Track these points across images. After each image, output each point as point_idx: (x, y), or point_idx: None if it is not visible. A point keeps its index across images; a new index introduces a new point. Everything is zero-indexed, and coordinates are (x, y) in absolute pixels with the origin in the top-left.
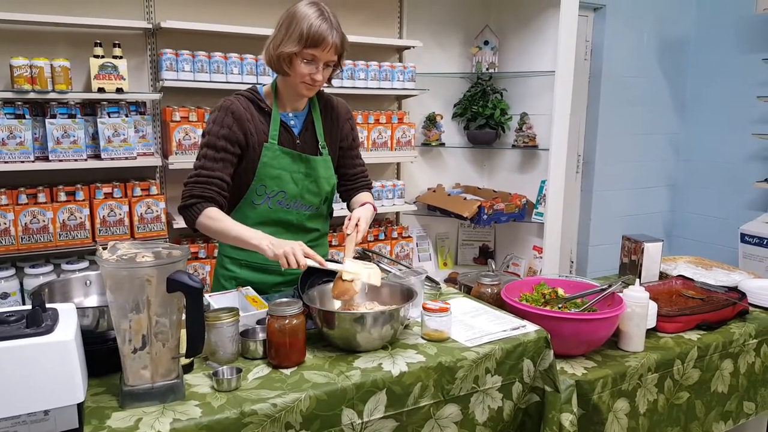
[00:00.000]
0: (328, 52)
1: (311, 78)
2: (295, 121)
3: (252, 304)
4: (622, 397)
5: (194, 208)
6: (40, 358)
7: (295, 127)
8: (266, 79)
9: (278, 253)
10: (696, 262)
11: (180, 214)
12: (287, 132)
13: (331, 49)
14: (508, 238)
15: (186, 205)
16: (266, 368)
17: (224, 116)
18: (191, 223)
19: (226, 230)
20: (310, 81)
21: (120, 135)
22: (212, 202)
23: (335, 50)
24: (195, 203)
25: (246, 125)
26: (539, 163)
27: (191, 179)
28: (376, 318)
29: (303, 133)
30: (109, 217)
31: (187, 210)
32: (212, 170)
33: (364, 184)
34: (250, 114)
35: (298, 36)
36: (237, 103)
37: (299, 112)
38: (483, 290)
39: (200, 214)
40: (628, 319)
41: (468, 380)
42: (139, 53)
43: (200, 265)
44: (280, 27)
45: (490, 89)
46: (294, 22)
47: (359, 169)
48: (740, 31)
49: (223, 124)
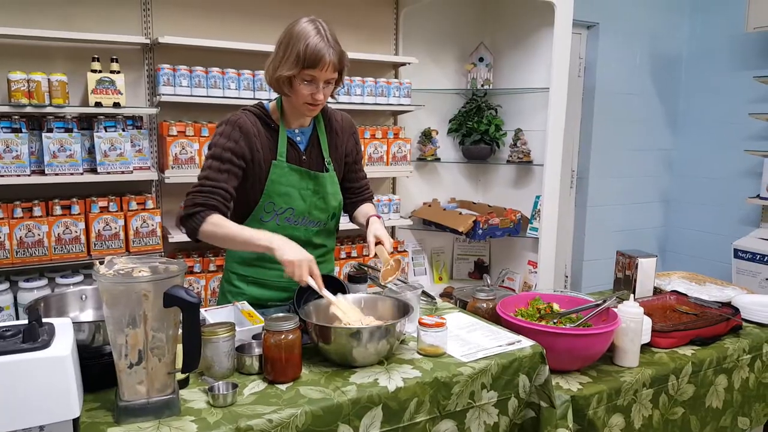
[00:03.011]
0: (327, 71)
1: (312, 98)
2: (302, 138)
3: (248, 319)
4: (618, 412)
5: (197, 216)
6: (36, 374)
7: (301, 144)
8: (263, 95)
9: (286, 259)
10: (689, 277)
11: (181, 225)
12: (294, 149)
13: (329, 68)
14: (503, 253)
15: (189, 214)
16: (262, 383)
17: (231, 130)
18: (194, 231)
19: (232, 235)
20: (312, 101)
21: (116, 149)
22: (216, 211)
23: (333, 68)
24: (198, 211)
25: (253, 141)
26: (534, 179)
27: (194, 189)
28: (372, 333)
29: (309, 150)
30: (104, 231)
31: (190, 219)
32: (216, 180)
33: (368, 196)
34: (257, 130)
35: (295, 57)
36: (245, 119)
37: (305, 129)
38: (478, 305)
39: (204, 221)
40: (623, 335)
41: (464, 396)
42: (136, 68)
43: (195, 280)
44: (278, 49)
45: (485, 105)
46: (291, 43)
47: (363, 182)
48: (732, 49)
49: (230, 137)
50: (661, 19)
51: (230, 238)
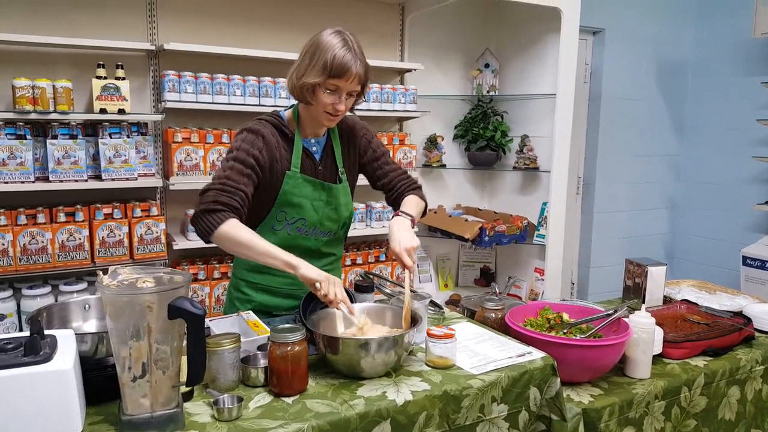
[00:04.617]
0: (352, 83)
1: (334, 108)
2: (317, 147)
3: (253, 329)
4: (629, 425)
5: (218, 215)
6: (37, 388)
7: (317, 153)
8: (268, 101)
9: (313, 276)
10: (700, 285)
11: (195, 220)
12: (309, 159)
13: (355, 80)
14: (509, 260)
15: (209, 210)
16: (268, 396)
17: (255, 139)
18: (210, 229)
19: (250, 244)
20: (333, 111)
21: (121, 156)
22: (236, 214)
23: (359, 80)
24: (220, 210)
25: (274, 152)
26: (540, 185)
27: (216, 186)
28: (380, 344)
29: (324, 159)
30: (108, 238)
31: (209, 215)
32: (238, 183)
33: (406, 186)
34: (276, 141)
35: (321, 66)
36: (266, 130)
37: (320, 138)
38: (487, 315)
39: (224, 222)
40: (635, 345)
41: (474, 409)
42: (141, 74)
43: (199, 287)
44: (304, 56)
45: (491, 111)
46: (318, 52)
47: (393, 174)
48: (738, 55)
49: (254, 145)
50: (667, 25)
51: (247, 246)
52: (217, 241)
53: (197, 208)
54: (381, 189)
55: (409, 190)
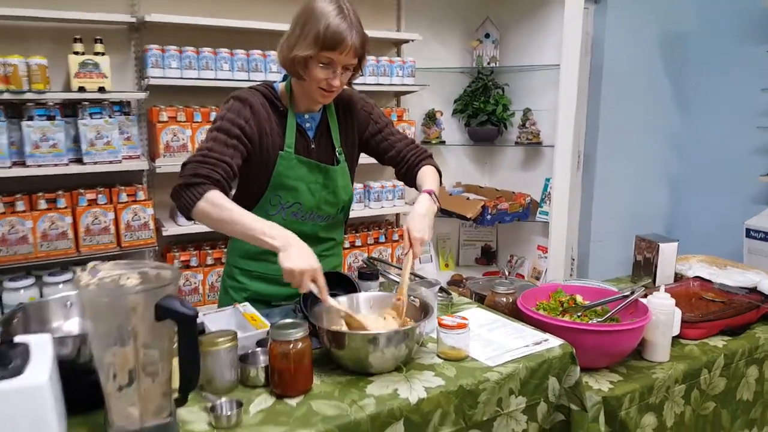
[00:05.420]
0: (347, 55)
1: (328, 83)
2: (311, 124)
3: (251, 323)
4: (650, 411)
5: (197, 189)
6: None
7: (310, 131)
8: (258, 76)
9: (287, 266)
10: (710, 261)
11: (174, 196)
12: (302, 137)
13: (351, 52)
14: (510, 238)
15: (187, 184)
16: (269, 398)
17: (242, 107)
18: (189, 204)
19: (234, 219)
20: (327, 86)
21: (103, 137)
22: (218, 187)
23: (354, 53)
24: (200, 183)
25: (263, 124)
26: (542, 161)
27: (196, 159)
28: (390, 338)
29: (318, 138)
30: (93, 226)
31: (188, 190)
32: (222, 154)
33: (417, 157)
34: (266, 112)
35: (314, 37)
36: (255, 99)
37: (314, 114)
38: (498, 299)
39: (203, 196)
40: (654, 328)
41: (491, 403)
42: (122, 49)
43: (192, 274)
44: (295, 26)
45: (492, 84)
46: (310, 21)
47: (401, 145)
48: (744, 23)
49: (241, 114)
50: None
51: (231, 223)
52: (197, 217)
53: (177, 182)
54: (389, 163)
55: (421, 161)
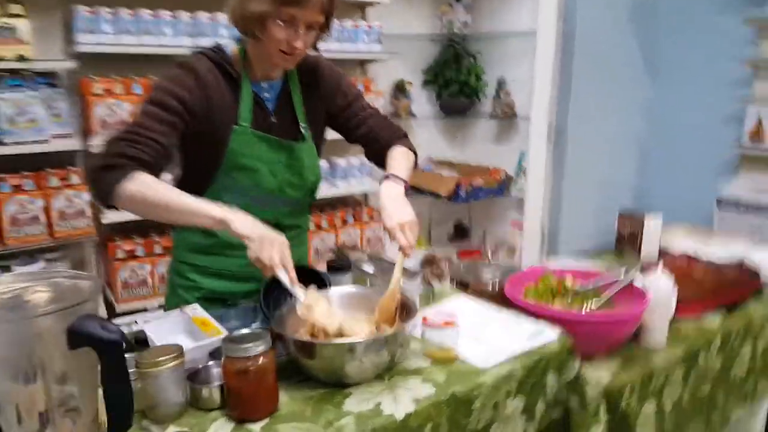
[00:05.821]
0: (312, 11)
1: (289, 45)
2: (270, 94)
3: (202, 329)
4: (650, 398)
5: (119, 170)
6: None
7: (269, 102)
8: (205, 41)
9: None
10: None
11: (90, 179)
12: (260, 109)
13: (316, 7)
14: (483, 214)
15: (107, 165)
16: (227, 424)
17: (184, 75)
18: (109, 190)
19: (167, 200)
20: (288, 49)
21: (26, 114)
22: (148, 170)
23: (321, 8)
24: (123, 164)
25: (211, 94)
26: (517, 134)
27: (121, 135)
28: (368, 346)
29: (279, 110)
30: (20, 215)
31: (107, 172)
32: (153, 131)
33: (390, 136)
34: (215, 80)
35: None
36: (200, 64)
37: (274, 82)
38: (483, 287)
39: (125, 177)
40: (651, 312)
41: (487, 409)
42: (46, 11)
43: (139, 265)
44: None
45: (464, 51)
46: None
47: (372, 122)
48: None
49: (182, 84)
50: None
51: (163, 204)
52: (122, 205)
53: (94, 163)
54: (359, 142)
55: (394, 141)
